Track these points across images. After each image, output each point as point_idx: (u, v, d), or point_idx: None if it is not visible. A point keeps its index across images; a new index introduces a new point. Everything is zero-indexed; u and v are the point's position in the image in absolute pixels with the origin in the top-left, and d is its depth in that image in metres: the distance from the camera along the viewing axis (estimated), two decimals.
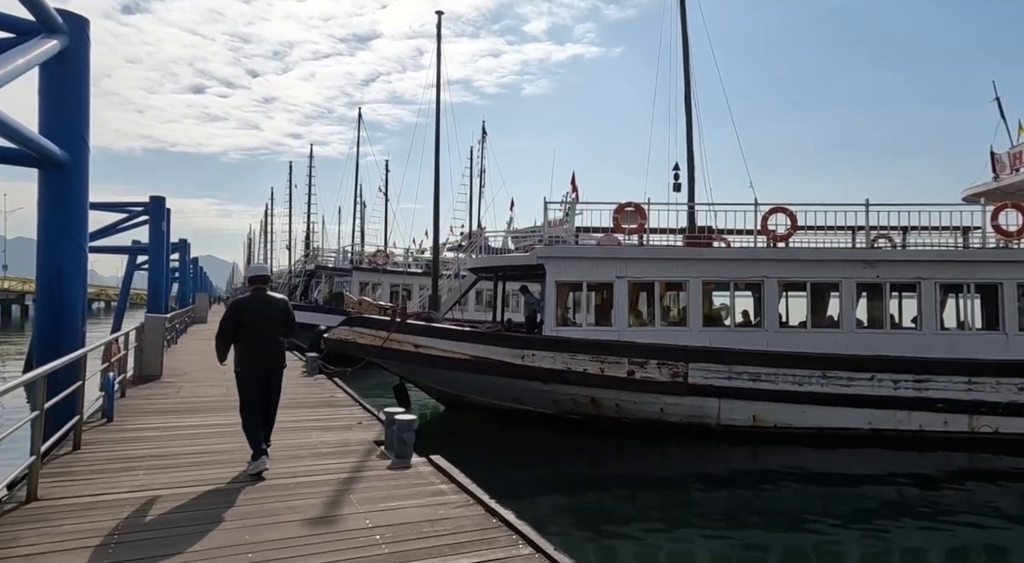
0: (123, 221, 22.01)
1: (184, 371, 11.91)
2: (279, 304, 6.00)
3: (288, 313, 6.02)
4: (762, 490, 9.78)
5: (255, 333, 5.75)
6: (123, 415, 7.56)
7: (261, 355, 5.76)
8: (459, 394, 13.67)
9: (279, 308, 5.95)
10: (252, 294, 6.02)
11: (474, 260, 14.43)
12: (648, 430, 12.05)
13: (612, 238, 13.46)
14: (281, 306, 5.99)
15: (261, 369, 5.78)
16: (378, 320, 13.45)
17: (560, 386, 12.29)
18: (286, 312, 5.99)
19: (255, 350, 5.75)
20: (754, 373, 11.61)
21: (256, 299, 5.90)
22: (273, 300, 5.99)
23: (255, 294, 5.98)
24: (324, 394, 9.59)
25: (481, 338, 12.66)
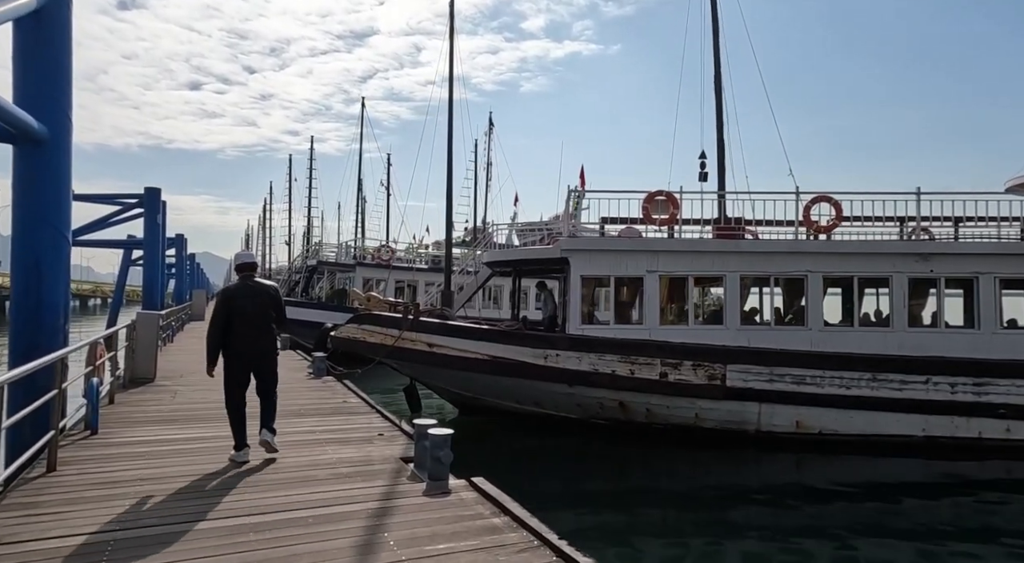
0: (116, 214, 21.02)
1: (180, 373, 10.98)
2: (268, 291, 5.90)
3: (278, 300, 5.92)
4: (806, 503, 8.98)
5: (244, 322, 5.66)
6: (110, 425, 6.63)
7: (250, 344, 5.69)
8: (475, 397, 12.78)
9: (268, 295, 5.84)
10: (240, 282, 5.89)
11: (491, 253, 13.53)
12: (681, 436, 11.18)
13: (633, 230, 12.57)
14: (271, 293, 5.90)
15: (250, 359, 5.72)
16: (389, 317, 12.55)
17: (586, 389, 11.41)
18: (275, 299, 5.89)
19: (244, 339, 5.66)
20: (798, 375, 10.73)
21: (244, 287, 5.80)
22: (262, 287, 5.89)
23: (243, 282, 5.86)
24: (336, 399, 8.67)
25: (501, 337, 11.76)
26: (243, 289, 5.79)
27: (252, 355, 5.72)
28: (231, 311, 5.65)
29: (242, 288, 5.80)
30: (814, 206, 11.41)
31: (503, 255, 13.10)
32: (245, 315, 5.66)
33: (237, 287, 5.85)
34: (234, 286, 5.90)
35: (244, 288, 5.80)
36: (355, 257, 26.44)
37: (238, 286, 5.85)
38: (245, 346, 5.66)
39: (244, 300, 5.72)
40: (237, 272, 6.06)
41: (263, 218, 66.43)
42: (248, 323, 5.66)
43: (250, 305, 5.71)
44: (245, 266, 6.01)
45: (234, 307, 5.68)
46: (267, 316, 5.78)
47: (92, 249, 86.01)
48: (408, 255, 27.34)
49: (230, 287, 5.96)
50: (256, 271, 6.13)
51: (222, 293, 5.98)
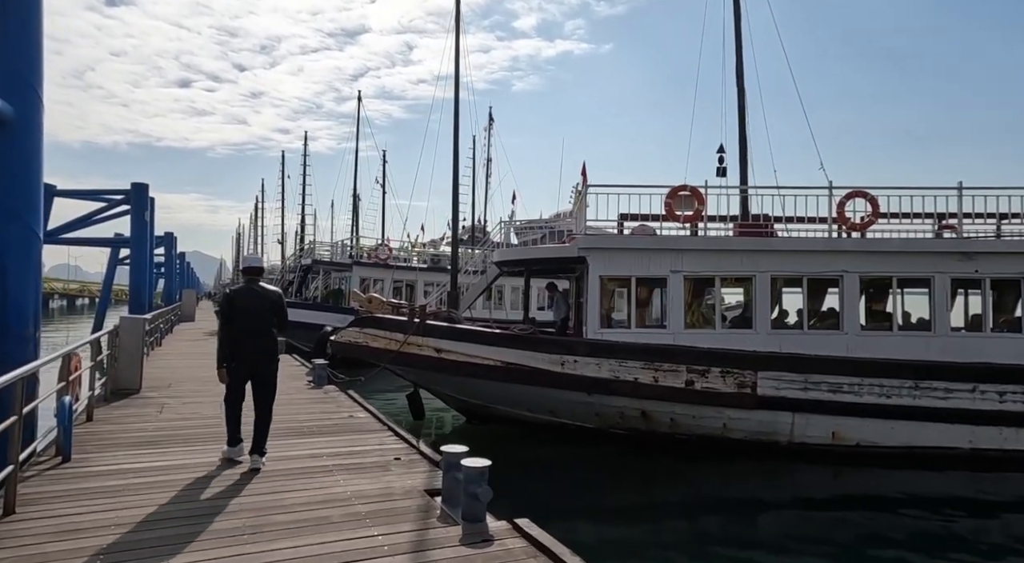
0: (101, 210, 20.10)
1: (168, 382, 10.12)
2: (271, 296, 5.94)
3: (280, 306, 5.95)
4: (842, 519, 8.36)
5: (245, 325, 5.71)
6: (86, 449, 5.78)
7: (250, 348, 5.70)
8: (485, 405, 12.00)
9: (271, 300, 5.87)
10: (245, 285, 5.96)
11: (502, 252, 12.75)
12: (706, 448, 10.45)
13: (647, 228, 11.82)
14: (273, 298, 5.92)
15: (251, 363, 5.73)
16: (394, 320, 11.75)
17: (606, 397, 10.64)
18: (278, 305, 5.92)
19: (244, 342, 5.69)
20: (835, 383, 10.01)
21: (248, 290, 5.87)
22: (265, 292, 5.94)
23: (248, 286, 5.93)
24: (340, 413, 7.85)
25: (515, 342, 10.97)
26: (247, 292, 5.85)
27: (250, 358, 5.72)
28: (233, 313, 5.75)
29: (246, 291, 5.86)
30: (848, 202, 10.70)
31: (514, 254, 12.31)
32: (246, 318, 5.71)
33: (241, 290, 5.93)
34: (238, 289, 6.02)
35: (248, 291, 5.86)
36: (351, 256, 25.57)
37: (242, 289, 5.93)
38: (244, 349, 5.70)
39: (246, 303, 5.77)
40: (244, 274, 6.21)
41: (255, 216, 65.33)
42: (248, 326, 5.71)
43: (252, 309, 5.75)
44: (252, 270, 6.17)
45: (235, 309, 5.76)
46: (267, 321, 5.79)
47: (80, 248, 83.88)
48: (405, 254, 26.47)
49: (234, 289, 6.09)
50: (263, 275, 6.32)
51: (225, 295, 6.10)
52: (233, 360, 5.73)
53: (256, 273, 6.15)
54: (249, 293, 5.86)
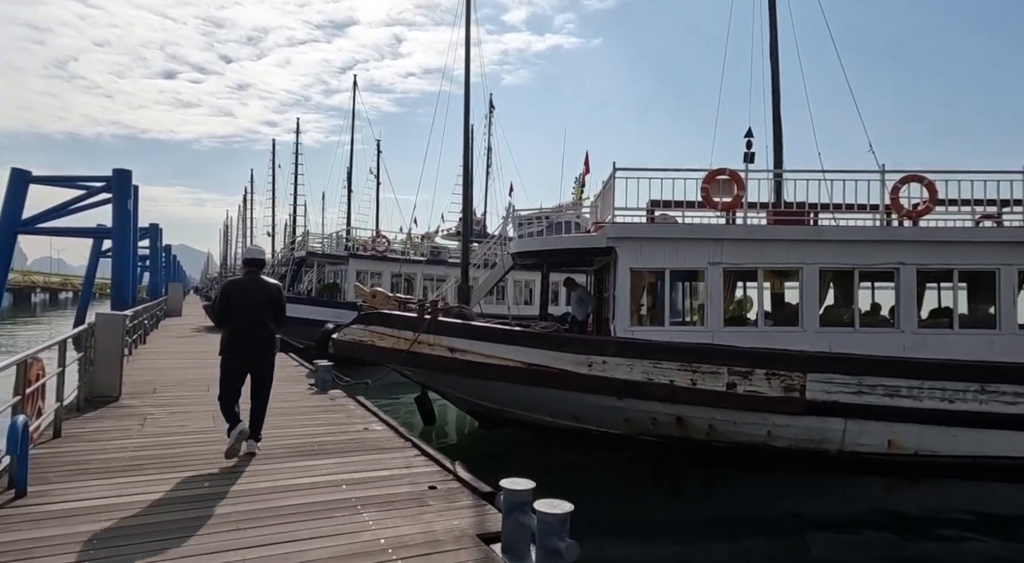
0: (80, 198, 18.81)
1: (152, 386, 9.02)
2: (271, 290, 5.85)
3: (279, 300, 5.88)
4: (899, 537, 7.60)
5: (242, 318, 5.62)
6: (47, 477, 4.67)
7: (246, 342, 5.63)
8: (501, 409, 11.01)
9: (270, 294, 5.80)
10: (244, 277, 5.89)
11: (519, 243, 11.73)
12: (747, 457, 9.54)
13: (667, 217, 10.85)
14: (272, 292, 5.84)
15: (246, 357, 5.66)
16: (403, 317, 10.71)
17: (638, 402, 9.69)
18: (276, 299, 5.85)
19: (241, 336, 5.61)
20: (892, 387, 9.11)
21: (247, 282, 5.79)
22: (265, 285, 5.85)
23: (247, 277, 5.86)
24: (354, 426, 6.80)
25: (537, 341, 9.97)
26: (246, 284, 5.75)
27: (247, 351, 5.63)
28: (229, 304, 5.63)
29: (244, 283, 5.77)
30: (903, 187, 9.78)
31: (533, 245, 11.29)
32: (242, 310, 5.62)
33: (240, 281, 5.84)
34: (237, 280, 5.92)
35: (248, 283, 5.76)
36: (347, 248, 24.42)
37: (241, 280, 5.84)
38: (240, 341, 5.61)
39: (244, 295, 5.68)
40: (245, 266, 6.07)
41: (243, 208, 63.73)
42: (244, 319, 5.61)
43: (250, 301, 5.65)
44: (252, 262, 6.04)
45: (232, 301, 5.64)
46: (266, 314, 5.71)
47: (63, 241, 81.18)
48: (403, 246, 25.36)
49: (232, 280, 6.00)
50: (263, 268, 6.19)
51: (224, 286, 5.98)
52: (229, 352, 5.62)
53: (258, 265, 6.02)
54: (249, 285, 5.76)
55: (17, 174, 18.60)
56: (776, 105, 12.12)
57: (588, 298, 12.76)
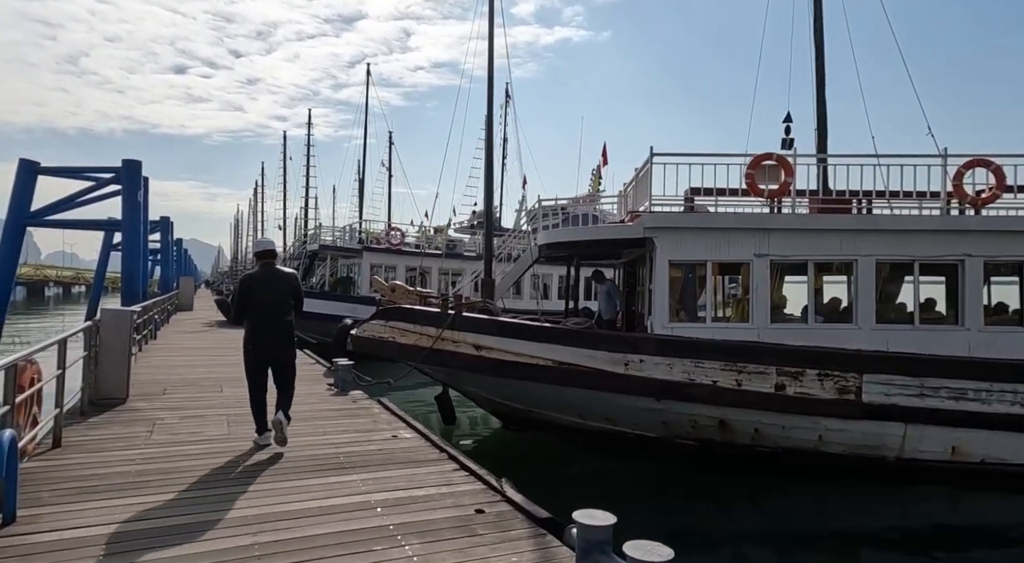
0: (88, 190, 18.31)
1: (163, 386, 8.47)
2: (288, 280, 5.89)
3: (297, 290, 5.93)
4: (962, 552, 7.11)
5: (262, 311, 5.65)
6: (40, 498, 4.08)
7: (268, 334, 5.68)
8: (528, 410, 10.40)
9: (288, 284, 5.84)
10: (260, 269, 5.87)
11: (548, 234, 11.08)
12: (795, 463, 8.89)
13: (699, 207, 10.15)
14: (291, 282, 5.89)
15: (269, 348, 5.71)
16: (425, 313, 10.11)
17: (678, 404, 9.04)
18: (295, 288, 5.90)
19: (263, 328, 5.66)
20: (957, 389, 8.41)
21: (265, 274, 5.79)
22: (282, 275, 5.89)
23: (264, 269, 5.85)
24: (380, 432, 6.20)
25: (570, 338, 9.34)
26: (265, 275, 5.73)
27: (269, 343, 5.69)
28: (249, 297, 5.66)
29: (264, 274, 5.74)
30: (967, 172, 9.03)
31: (563, 236, 10.63)
32: (263, 302, 5.64)
33: (257, 274, 5.80)
34: (254, 273, 5.87)
35: (266, 275, 5.73)
36: (361, 241, 23.86)
37: (258, 273, 5.80)
38: (262, 334, 5.66)
39: (263, 287, 5.69)
40: (257, 258, 6.07)
41: (254, 202, 63.36)
42: (265, 311, 5.64)
43: (269, 292, 5.68)
44: (265, 253, 6.01)
45: (252, 294, 5.66)
46: (286, 304, 5.75)
47: (76, 234, 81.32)
48: (418, 239, 24.77)
49: (250, 273, 5.94)
50: (276, 258, 6.21)
51: (241, 279, 5.98)
52: (252, 344, 5.66)
53: (270, 256, 6.01)
54: (267, 276, 5.76)
55: (25, 165, 18.13)
56: (820, 86, 11.37)
57: (616, 293, 12.10)
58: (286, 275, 5.91)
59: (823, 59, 11.40)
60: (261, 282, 5.70)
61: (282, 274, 5.87)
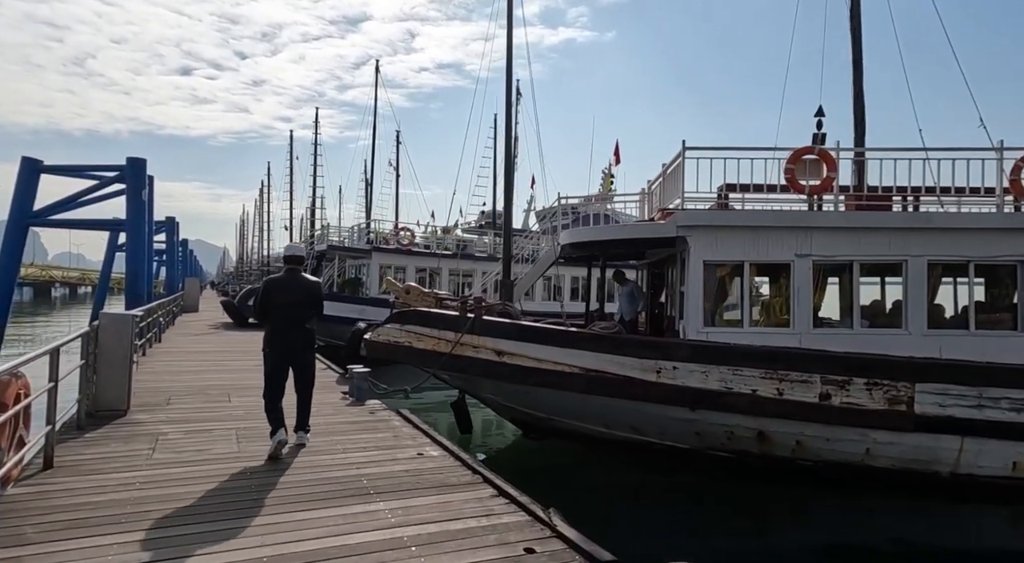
0: (92, 189, 17.87)
1: (167, 394, 7.96)
2: (312, 287, 6.03)
3: (318, 296, 6.09)
4: None
5: (281, 314, 5.77)
6: (23, 535, 3.52)
7: (287, 338, 5.76)
8: (550, 418, 9.85)
9: (310, 292, 5.96)
10: (285, 274, 5.98)
11: (572, 233, 10.53)
12: (839, 477, 8.31)
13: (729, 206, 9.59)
14: (312, 290, 6.01)
15: (287, 352, 5.79)
16: (443, 316, 9.57)
17: (714, 414, 8.47)
18: (316, 296, 6.06)
19: (281, 332, 5.76)
20: (1019, 400, 7.81)
21: (288, 280, 5.89)
22: (306, 282, 6.01)
23: (288, 275, 5.95)
24: (405, 450, 5.63)
25: (597, 343, 8.77)
26: (289, 281, 5.84)
27: (287, 348, 5.77)
28: (270, 301, 5.78)
29: (288, 280, 5.85)
30: None
31: (588, 235, 10.06)
32: (282, 307, 5.76)
33: (282, 279, 5.92)
34: (279, 277, 6.00)
35: (290, 281, 5.84)
36: (369, 241, 23.36)
37: (283, 278, 5.93)
38: (283, 337, 5.75)
39: (285, 292, 5.81)
40: (284, 263, 6.18)
41: (259, 202, 63.00)
42: (284, 315, 5.75)
43: (289, 298, 5.79)
44: (292, 259, 6.14)
45: (273, 298, 5.78)
46: (305, 311, 5.87)
47: (83, 235, 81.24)
48: (426, 240, 24.25)
49: (274, 277, 6.05)
50: (303, 265, 6.30)
51: (266, 283, 6.05)
52: (271, 348, 5.74)
53: (298, 262, 6.09)
54: (291, 282, 5.86)
55: (27, 163, 17.70)
56: (857, 77, 10.77)
57: (639, 294, 11.53)
58: (309, 282, 6.06)
59: (860, 48, 10.80)
60: (284, 287, 5.82)
61: (305, 281, 6.00)
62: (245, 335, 17.58)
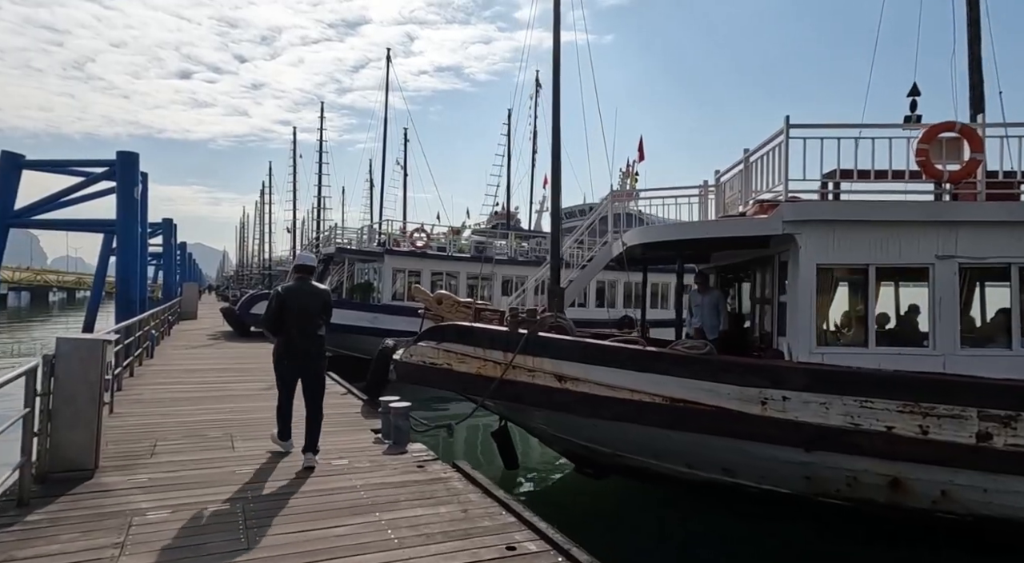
0: (78, 187, 16.20)
1: (152, 441, 6.22)
2: (323, 296, 6.10)
3: (329, 305, 6.13)
4: None
5: (293, 324, 5.78)
6: None
7: (298, 349, 5.80)
8: (616, 453, 8.17)
9: (322, 300, 6.03)
10: (296, 283, 6.02)
11: (642, 232, 8.83)
12: (998, 536, 6.63)
13: (794, 198, 7.90)
14: (323, 298, 6.08)
15: (299, 363, 5.84)
16: (489, 332, 7.91)
17: (835, 456, 6.78)
18: (327, 305, 6.09)
19: (292, 343, 5.79)
20: None
21: (298, 289, 5.93)
22: (317, 291, 6.09)
23: (299, 284, 5.99)
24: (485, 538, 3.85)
25: (687, 367, 7.07)
26: (300, 290, 5.88)
27: (301, 355, 5.81)
28: (282, 310, 5.77)
29: (299, 290, 5.89)
30: None
31: (664, 234, 8.33)
32: (298, 317, 5.78)
33: (293, 288, 5.94)
34: (290, 286, 6.01)
35: (300, 290, 5.88)
36: (380, 243, 21.67)
37: (294, 287, 5.94)
38: (294, 347, 5.79)
39: (296, 301, 5.81)
40: (294, 272, 6.20)
41: (260, 204, 61.27)
42: (296, 325, 5.78)
43: (305, 308, 5.81)
44: (303, 268, 6.16)
45: (287, 308, 5.77)
46: (317, 318, 5.92)
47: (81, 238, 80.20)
48: (442, 242, 22.54)
49: (286, 287, 6.07)
50: (314, 274, 6.31)
51: (276, 292, 6.05)
52: (284, 357, 5.80)
53: (308, 272, 6.12)
54: (302, 291, 5.89)
55: (7, 158, 16.04)
56: (975, 36, 9.06)
57: (723, 304, 9.78)
58: (319, 291, 6.10)
59: (978, 4, 9.09)
60: (295, 296, 5.82)
61: (316, 290, 6.04)
62: (248, 347, 15.89)
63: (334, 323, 17.35)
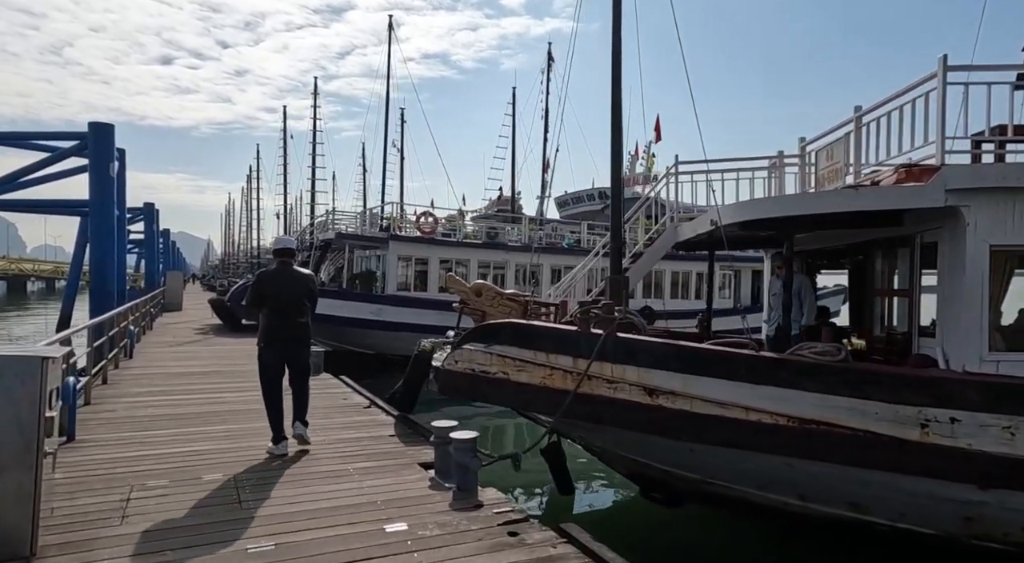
0: (46, 162, 14.26)
1: (125, 488, 4.49)
2: (306, 280, 5.90)
3: (313, 290, 5.93)
4: None
5: (276, 310, 5.63)
6: None
7: (282, 335, 5.65)
8: (706, 481, 6.60)
9: (305, 285, 5.83)
10: (277, 268, 5.89)
11: (744, 207, 7.17)
12: None
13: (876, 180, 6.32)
14: (307, 284, 5.88)
15: (284, 349, 5.69)
16: (554, 332, 6.32)
17: (1018, 495, 5.26)
18: (312, 291, 5.91)
19: (276, 329, 5.64)
20: None
21: (280, 273, 5.78)
22: (300, 276, 5.89)
23: (280, 268, 5.84)
24: None
25: (820, 378, 5.50)
26: (281, 275, 5.72)
27: (284, 342, 5.66)
28: (263, 296, 5.62)
29: (280, 274, 5.74)
30: None
31: (776, 208, 6.64)
32: (278, 301, 5.61)
33: (274, 272, 5.83)
34: (271, 271, 5.93)
35: (282, 274, 5.73)
36: (383, 228, 19.91)
37: (275, 271, 5.83)
38: (276, 333, 5.63)
39: (277, 287, 5.67)
40: (275, 256, 6.14)
41: (248, 190, 58.96)
42: (280, 310, 5.62)
43: (284, 292, 5.66)
44: (283, 251, 5.98)
45: (266, 292, 5.62)
46: (301, 304, 5.75)
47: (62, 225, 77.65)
48: (452, 226, 20.79)
49: (266, 271, 6.00)
50: (295, 258, 6.22)
51: (257, 275, 6.00)
52: (266, 345, 5.63)
53: (288, 255, 5.95)
54: (283, 276, 5.72)
55: None
56: None
57: (810, 293, 8.18)
58: (303, 276, 5.89)
59: None
60: (277, 281, 5.68)
61: (299, 274, 5.85)
62: (240, 343, 14.14)
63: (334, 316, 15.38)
